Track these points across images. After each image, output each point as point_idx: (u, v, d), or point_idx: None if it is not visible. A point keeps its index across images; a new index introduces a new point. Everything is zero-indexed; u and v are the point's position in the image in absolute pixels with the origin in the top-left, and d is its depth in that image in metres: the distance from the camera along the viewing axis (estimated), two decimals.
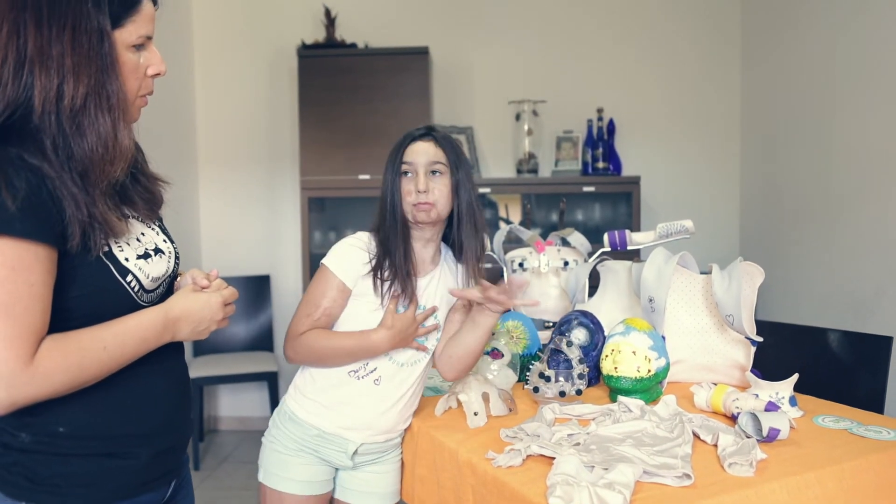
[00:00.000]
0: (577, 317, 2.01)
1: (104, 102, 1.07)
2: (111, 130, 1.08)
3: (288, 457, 1.64)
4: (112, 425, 1.15)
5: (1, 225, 0.98)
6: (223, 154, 4.57)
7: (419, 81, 4.08)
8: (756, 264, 1.94)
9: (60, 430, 1.11)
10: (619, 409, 1.60)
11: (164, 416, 1.23)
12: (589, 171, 4.23)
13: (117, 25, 1.09)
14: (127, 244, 1.16)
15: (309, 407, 1.63)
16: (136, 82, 1.14)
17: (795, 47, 3.73)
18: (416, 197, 1.59)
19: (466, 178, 1.64)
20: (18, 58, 1.02)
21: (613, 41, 4.42)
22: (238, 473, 3.87)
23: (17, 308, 1.00)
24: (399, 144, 1.65)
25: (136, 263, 1.16)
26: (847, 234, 3.27)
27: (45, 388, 1.03)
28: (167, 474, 1.26)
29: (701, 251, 2.85)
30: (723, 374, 1.92)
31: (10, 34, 1.03)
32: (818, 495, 1.32)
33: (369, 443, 1.64)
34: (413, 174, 1.61)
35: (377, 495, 1.69)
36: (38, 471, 1.11)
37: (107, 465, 1.15)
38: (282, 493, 1.63)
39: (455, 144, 1.66)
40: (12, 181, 0.99)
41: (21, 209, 0.99)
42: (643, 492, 1.23)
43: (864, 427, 1.56)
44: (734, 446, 1.38)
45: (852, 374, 2.15)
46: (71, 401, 1.09)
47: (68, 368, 1.05)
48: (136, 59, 1.13)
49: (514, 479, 1.32)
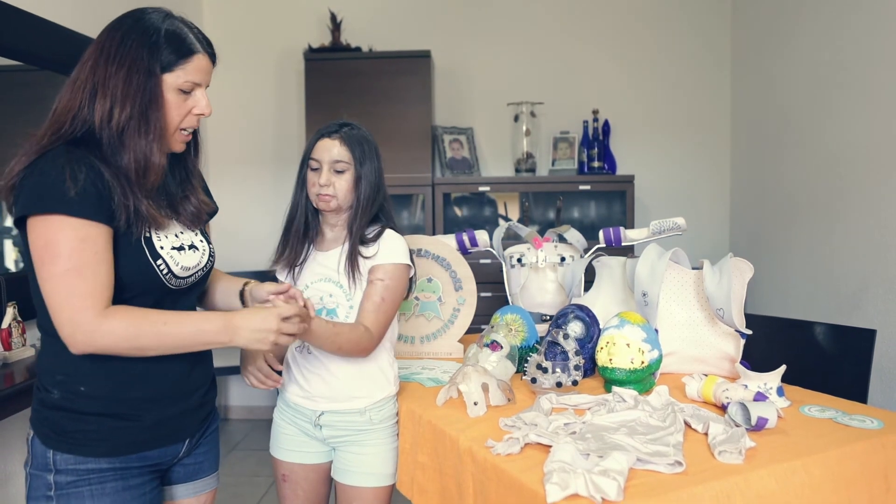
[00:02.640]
0: (574, 310, 2.03)
1: (142, 127, 1.31)
2: (145, 150, 1.31)
3: (280, 429, 1.84)
4: (123, 389, 1.35)
5: (67, 207, 1.22)
6: (232, 155, 4.61)
7: (421, 84, 4.11)
8: (746, 260, 1.97)
9: (82, 390, 1.33)
10: (614, 400, 1.61)
11: (172, 384, 1.41)
12: (585, 171, 4.26)
13: (167, 70, 1.33)
14: (166, 237, 1.39)
15: (285, 381, 1.81)
16: (178, 118, 1.37)
17: (784, 50, 3.76)
18: (318, 189, 1.72)
19: (371, 171, 1.74)
20: (93, 87, 1.30)
21: (608, 45, 4.46)
22: (248, 461, 3.92)
23: (88, 271, 1.24)
24: (312, 139, 1.77)
25: (169, 252, 1.37)
26: (833, 231, 3.31)
27: (110, 340, 1.26)
28: (177, 433, 1.45)
29: (692, 248, 2.89)
30: (713, 365, 1.94)
31: (91, 68, 1.31)
32: (805, 482, 1.34)
33: (330, 411, 1.74)
34: (319, 170, 1.73)
35: (359, 474, 1.75)
36: (63, 425, 1.33)
37: (116, 424, 1.34)
38: (276, 460, 1.85)
39: (362, 140, 1.75)
40: (75, 174, 1.23)
41: (80, 195, 1.23)
42: (637, 478, 1.25)
43: (848, 416, 1.57)
44: (724, 435, 1.40)
45: (837, 365, 2.18)
46: (93, 367, 1.32)
47: (129, 329, 1.27)
48: (181, 99, 1.36)
49: (513, 466, 1.34)
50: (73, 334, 1.25)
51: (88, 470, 1.32)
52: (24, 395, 2.15)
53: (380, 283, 1.72)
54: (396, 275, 1.74)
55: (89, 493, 1.32)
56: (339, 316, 1.74)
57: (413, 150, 4.08)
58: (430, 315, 2.30)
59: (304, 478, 1.81)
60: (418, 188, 4.11)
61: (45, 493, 1.33)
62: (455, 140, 4.37)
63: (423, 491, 1.69)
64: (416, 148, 4.08)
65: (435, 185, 4.12)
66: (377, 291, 1.71)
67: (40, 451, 1.33)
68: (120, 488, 1.35)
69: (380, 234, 1.75)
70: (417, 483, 1.71)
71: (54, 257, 1.23)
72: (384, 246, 1.74)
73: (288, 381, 1.81)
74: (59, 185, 1.22)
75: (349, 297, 1.74)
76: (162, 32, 1.32)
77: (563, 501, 1.18)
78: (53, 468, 1.32)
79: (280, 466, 1.83)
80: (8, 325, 2.42)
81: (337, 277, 1.75)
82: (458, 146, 4.36)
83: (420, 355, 2.28)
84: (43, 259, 1.24)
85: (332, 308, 1.74)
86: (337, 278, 1.75)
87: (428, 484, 1.67)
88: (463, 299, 2.29)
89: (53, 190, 1.23)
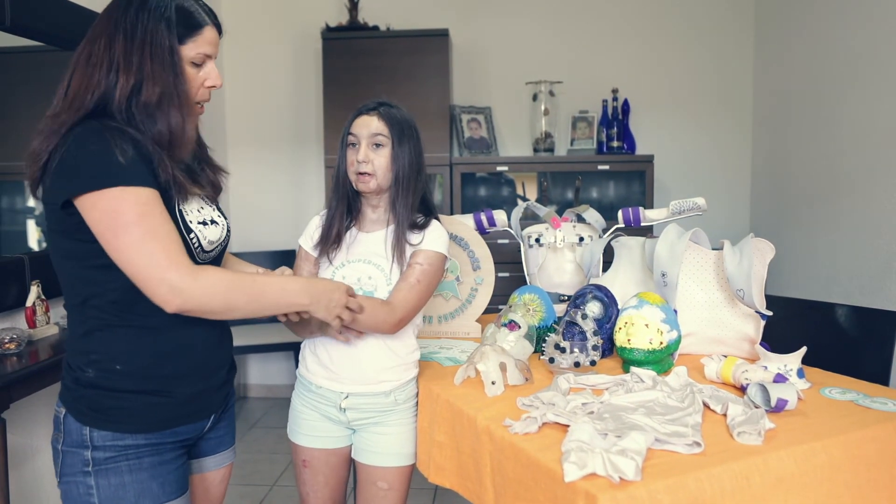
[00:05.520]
0: (592, 290, 2.02)
1: (175, 100, 1.33)
2: (180, 122, 1.34)
3: (300, 414, 1.83)
4: (156, 367, 1.37)
5: (124, 179, 1.25)
6: (251, 134, 4.62)
7: (439, 63, 4.08)
8: (767, 241, 1.95)
9: (117, 368, 1.35)
10: (632, 380, 1.61)
11: (200, 361, 1.44)
12: (604, 150, 4.23)
13: (181, 43, 1.34)
14: (191, 211, 1.41)
15: (308, 364, 1.80)
16: (194, 91, 1.39)
17: (807, 29, 3.70)
18: (357, 167, 1.71)
19: (410, 150, 1.73)
20: (110, 64, 1.30)
21: (628, 23, 4.40)
22: (267, 438, 3.97)
23: (162, 232, 1.27)
24: (350, 117, 1.76)
25: (198, 227, 1.41)
26: (856, 211, 3.26)
27: (205, 300, 1.30)
28: (204, 409, 1.49)
29: (712, 228, 2.86)
30: (733, 346, 1.94)
31: (105, 46, 1.31)
32: (824, 463, 1.33)
33: (355, 393, 1.75)
34: (357, 145, 1.72)
35: (382, 454, 1.77)
36: (100, 402, 1.35)
37: (150, 401, 1.37)
38: (296, 446, 1.84)
39: (401, 119, 1.74)
40: (121, 145, 1.26)
41: (130, 164, 1.25)
42: (654, 458, 1.25)
43: (869, 398, 1.57)
44: (743, 416, 1.39)
45: (859, 347, 2.16)
46: (127, 345, 1.35)
47: (224, 283, 1.33)
48: (194, 72, 1.38)
49: (530, 445, 1.35)
50: (168, 293, 1.26)
51: (126, 446, 1.35)
52: (48, 371, 2.19)
53: (419, 266, 1.72)
54: (436, 262, 1.75)
55: (127, 468, 1.35)
56: None
57: (431, 130, 4.06)
58: (448, 295, 2.30)
59: (324, 462, 1.82)
60: (436, 168, 4.10)
61: (82, 469, 1.35)
62: (473, 119, 4.35)
63: (440, 469, 1.70)
64: (433, 127, 4.07)
65: (453, 164, 4.11)
66: (414, 273, 1.72)
67: (75, 427, 1.36)
68: (156, 463, 1.38)
69: (427, 223, 1.77)
70: (435, 461, 1.72)
71: (125, 226, 1.24)
72: (430, 235, 1.76)
73: (313, 364, 1.80)
74: (110, 157, 1.24)
75: (389, 282, 1.73)
76: (172, 7, 1.33)
77: (580, 480, 1.18)
78: (90, 444, 1.35)
79: (300, 452, 1.83)
80: (32, 303, 2.46)
81: (379, 260, 1.74)
82: (476, 126, 4.34)
83: (438, 335, 2.29)
84: (114, 231, 1.25)
85: (370, 290, 1.74)
86: (379, 261, 1.74)
87: (445, 462, 1.69)
88: (481, 279, 2.29)
89: (105, 164, 1.24)
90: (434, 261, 1.74)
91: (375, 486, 1.77)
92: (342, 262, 1.77)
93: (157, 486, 1.38)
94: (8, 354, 2.23)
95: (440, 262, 1.76)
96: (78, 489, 1.36)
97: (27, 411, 2.49)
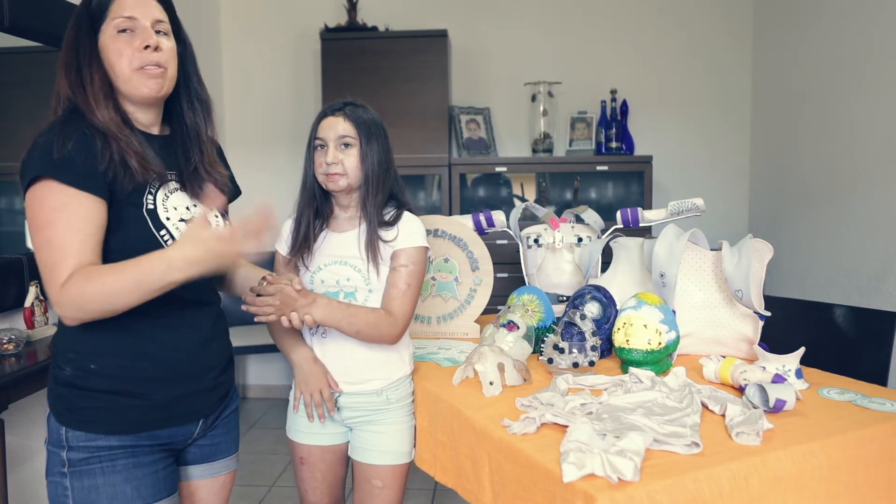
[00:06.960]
0: (591, 291, 2.02)
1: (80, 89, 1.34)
2: (92, 103, 1.33)
3: (297, 412, 1.83)
4: (133, 368, 1.35)
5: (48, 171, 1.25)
6: (248, 134, 4.61)
7: (438, 64, 4.08)
8: (765, 241, 1.95)
9: (92, 367, 1.34)
10: (631, 380, 1.61)
11: (183, 364, 1.41)
12: (602, 151, 4.23)
13: (102, 21, 1.35)
14: (174, 208, 1.40)
15: None
16: (127, 60, 1.35)
17: (806, 30, 3.70)
18: (326, 168, 1.70)
19: (378, 149, 1.72)
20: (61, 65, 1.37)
21: (627, 24, 4.41)
22: (266, 439, 3.98)
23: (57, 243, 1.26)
24: (315, 120, 1.76)
25: (175, 224, 1.38)
26: (854, 212, 3.27)
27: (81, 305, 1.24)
28: (189, 414, 1.45)
29: (711, 229, 2.87)
30: (731, 347, 1.94)
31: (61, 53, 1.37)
32: (822, 464, 1.33)
33: (348, 392, 1.76)
34: (325, 147, 1.72)
35: (377, 452, 1.77)
36: (76, 403, 1.34)
37: (125, 402, 1.35)
38: (294, 443, 1.85)
39: (368, 119, 1.73)
40: (63, 141, 1.25)
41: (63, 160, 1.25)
42: (653, 459, 1.25)
43: (867, 399, 1.57)
44: (741, 416, 1.39)
45: (857, 348, 2.16)
46: (104, 344, 1.34)
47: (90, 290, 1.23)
48: (124, 40, 1.35)
49: (529, 445, 1.35)
50: (55, 307, 1.26)
51: (99, 447, 1.34)
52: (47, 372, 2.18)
53: (404, 269, 1.71)
54: (419, 258, 1.74)
55: (100, 470, 1.34)
56: (357, 300, 1.73)
57: (429, 131, 4.07)
58: (447, 295, 2.30)
59: (321, 459, 1.83)
60: (435, 168, 4.10)
61: (60, 470, 1.35)
62: (472, 120, 4.35)
63: (444, 468, 1.70)
64: (432, 128, 4.07)
65: (451, 165, 4.11)
66: (402, 278, 1.71)
67: (55, 427, 1.36)
68: (131, 465, 1.36)
69: (397, 216, 1.75)
70: (439, 460, 1.72)
71: (37, 230, 1.27)
72: (403, 229, 1.74)
73: None
74: (47, 150, 1.26)
75: (367, 281, 1.73)
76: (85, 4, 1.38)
77: (579, 481, 1.18)
78: (66, 445, 1.34)
79: (298, 449, 1.84)
80: (31, 303, 2.46)
81: (354, 261, 1.74)
82: (474, 126, 4.35)
83: (437, 335, 2.29)
84: (31, 233, 1.28)
85: (350, 291, 1.74)
86: (355, 262, 1.74)
87: (448, 462, 1.69)
88: (479, 280, 2.29)
89: (40, 157, 1.26)
90: (416, 258, 1.73)
91: (370, 484, 1.78)
92: (318, 266, 1.77)
93: (130, 490, 1.35)
94: (6, 355, 2.23)
95: (422, 255, 1.76)
96: (56, 490, 1.36)
97: (26, 412, 2.49)
